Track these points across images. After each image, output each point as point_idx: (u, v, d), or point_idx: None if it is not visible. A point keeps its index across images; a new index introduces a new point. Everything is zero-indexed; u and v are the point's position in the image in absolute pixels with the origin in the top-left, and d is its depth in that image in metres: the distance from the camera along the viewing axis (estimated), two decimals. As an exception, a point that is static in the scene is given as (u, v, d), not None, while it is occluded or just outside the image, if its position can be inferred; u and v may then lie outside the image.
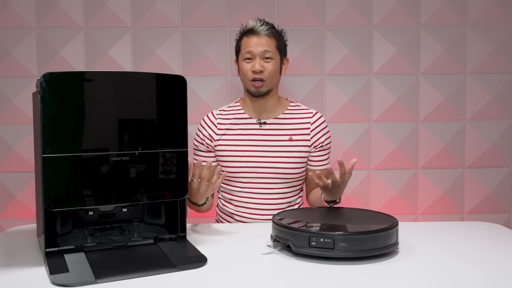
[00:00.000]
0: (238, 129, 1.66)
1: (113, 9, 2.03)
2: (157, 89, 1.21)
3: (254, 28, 1.62)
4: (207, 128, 1.69)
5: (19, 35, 2.02)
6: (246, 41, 1.63)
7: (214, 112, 1.72)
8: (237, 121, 1.67)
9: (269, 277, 1.05)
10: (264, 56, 1.60)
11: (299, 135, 1.65)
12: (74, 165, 1.11)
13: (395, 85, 2.09)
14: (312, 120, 1.67)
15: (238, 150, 1.64)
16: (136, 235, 1.29)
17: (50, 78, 1.08)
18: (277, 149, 1.63)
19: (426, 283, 1.00)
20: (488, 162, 2.13)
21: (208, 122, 1.70)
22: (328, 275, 1.04)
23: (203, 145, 1.68)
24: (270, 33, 1.62)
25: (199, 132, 1.71)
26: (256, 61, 1.59)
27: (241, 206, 1.65)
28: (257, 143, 1.64)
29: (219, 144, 1.66)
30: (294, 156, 1.63)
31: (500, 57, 2.09)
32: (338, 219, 1.30)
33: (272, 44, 1.62)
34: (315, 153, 1.67)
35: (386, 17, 2.07)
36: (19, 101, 2.02)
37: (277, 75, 1.65)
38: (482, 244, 1.27)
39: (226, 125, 1.67)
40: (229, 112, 1.70)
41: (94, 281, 1.00)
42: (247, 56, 1.61)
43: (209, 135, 1.67)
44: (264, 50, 1.59)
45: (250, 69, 1.60)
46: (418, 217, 2.15)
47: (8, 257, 1.19)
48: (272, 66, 1.61)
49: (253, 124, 1.66)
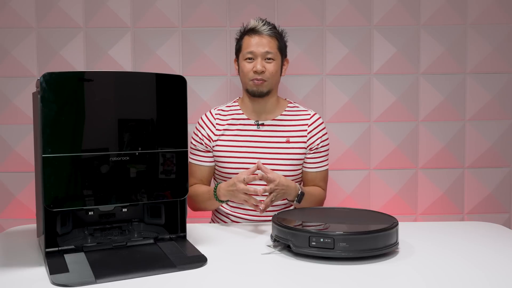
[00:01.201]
0: (236, 130, 1.65)
1: (113, 9, 2.03)
2: (157, 89, 1.21)
3: (256, 28, 1.61)
4: (206, 128, 1.67)
5: (19, 35, 2.02)
6: (247, 40, 1.62)
7: (213, 111, 1.70)
8: (235, 121, 1.66)
9: (269, 277, 1.05)
10: (265, 57, 1.59)
11: (296, 137, 1.64)
12: (74, 165, 1.11)
13: (395, 85, 2.09)
14: (310, 122, 1.67)
15: (236, 152, 1.63)
16: (136, 235, 1.29)
17: (50, 78, 1.08)
18: (274, 151, 1.62)
19: (426, 283, 1.00)
20: (488, 162, 2.13)
21: (206, 121, 1.68)
22: (328, 275, 1.04)
23: (201, 145, 1.67)
24: (272, 34, 1.61)
25: (197, 132, 1.68)
26: (258, 62, 1.58)
27: (237, 207, 1.65)
28: (254, 145, 1.63)
29: (217, 144, 1.65)
30: (291, 159, 1.63)
31: (500, 57, 2.09)
32: (338, 219, 1.30)
33: (274, 45, 1.61)
34: (310, 155, 1.66)
35: (386, 17, 2.07)
36: (19, 101, 2.02)
37: (278, 76, 1.64)
38: (482, 244, 1.27)
39: (224, 125, 1.66)
40: (227, 112, 1.69)
41: (94, 281, 1.00)
42: (248, 56, 1.60)
43: (208, 135, 1.66)
44: (266, 51, 1.58)
45: (251, 69, 1.59)
46: (418, 217, 2.15)
47: (8, 257, 1.19)
48: (274, 67, 1.60)
49: (251, 125, 1.65)
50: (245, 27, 1.65)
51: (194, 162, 1.67)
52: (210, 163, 1.67)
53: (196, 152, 1.68)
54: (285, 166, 1.62)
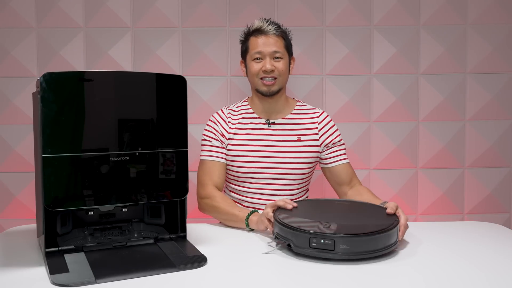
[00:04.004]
0: (247, 129, 1.65)
1: (113, 9, 2.03)
2: (157, 89, 1.21)
3: (262, 28, 1.61)
4: (219, 125, 1.65)
5: (19, 35, 2.02)
6: (254, 41, 1.62)
7: (224, 110, 1.69)
8: (246, 120, 1.66)
9: (269, 277, 1.05)
10: (274, 56, 1.60)
11: (307, 135, 1.65)
12: (74, 165, 1.11)
13: (395, 85, 2.09)
14: (319, 120, 1.67)
15: (247, 150, 1.63)
16: (136, 235, 1.29)
17: (50, 78, 1.08)
18: (285, 150, 1.63)
19: (426, 283, 1.00)
20: (488, 162, 2.13)
21: (219, 119, 1.66)
22: (328, 275, 1.04)
23: (217, 141, 1.64)
24: (278, 33, 1.61)
25: (211, 129, 1.65)
26: (267, 61, 1.59)
27: (250, 206, 1.65)
28: (266, 143, 1.63)
29: (229, 143, 1.64)
30: (303, 157, 1.63)
31: (500, 57, 2.09)
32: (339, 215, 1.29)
33: (281, 44, 1.62)
34: (329, 151, 1.66)
35: (386, 17, 2.07)
36: (19, 101, 2.02)
37: (287, 74, 1.65)
38: (482, 244, 1.27)
39: (236, 124, 1.66)
40: (237, 112, 1.68)
41: (94, 281, 1.00)
42: (256, 56, 1.61)
43: (221, 132, 1.64)
44: (274, 50, 1.59)
45: (261, 68, 1.59)
46: (418, 217, 2.15)
47: (8, 257, 1.19)
48: (283, 65, 1.61)
49: (262, 124, 1.66)
50: (249, 28, 1.65)
51: (210, 159, 1.63)
52: (225, 159, 1.65)
53: (212, 149, 1.64)
54: (296, 164, 1.63)
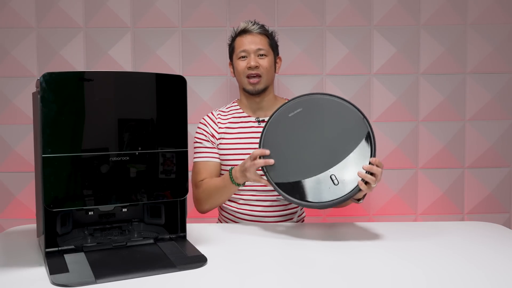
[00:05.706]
0: (238, 127, 1.68)
1: (113, 9, 2.03)
2: (157, 89, 1.21)
3: (246, 28, 1.66)
4: (208, 126, 1.70)
5: (19, 35, 2.02)
6: (239, 40, 1.67)
7: (214, 112, 1.74)
8: (236, 119, 1.70)
9: (269, 277, 1.05)
10: (258, 53, 1.64)
11: None
12: (74, 165, 1.11)
13: (395, 85, 2.09)
14: None
15: (239, 148, 1.65)
16: (136, 235, 1.29)
17: (50, 78, 1.08)
18: None
19: (426, 283, 1.00)
20: (488, 162, 2.13)
21: (208, 120, 1.71)
22: (329, 275, 1.04)
23: (208, 141, 1.68)
24: (262, 32, 1.67)
25: (201, 130, 1.70)
26: (251, 58, 1.63)
27: (245, 203, 1.65)
28: (256, 140, 1.64)
29: (220, 143, 1.67)
30: None
31: (500, 57, 2.09)
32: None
33: (265, 42, 1.66)
34: None
35: (386, 17, 2.07)
36: (19, 101, 2.02)
37: (272, 72, 1.68)
38: (482, 244, 1.27)
39: (226, 124, 1.69)
40: (227, 112, 1.73)
41: (94, 281, 1.00)
42: (241, 55, 1.65)
43: (211, 133, 1.68)
44: (258, 48, 1.63)
45: (245, 66, 1.63)
46: (418, 217, 2.15)
47: (8, 257, 1.19)
48: (267, 62, 1.64)
49: (252, 122, 1.68)
50: (236, 30, 1.70)
51: (202, 160, 1.67)
52: (218, 159, 1.68)
53: (203, 150, 1.68)
54: None
